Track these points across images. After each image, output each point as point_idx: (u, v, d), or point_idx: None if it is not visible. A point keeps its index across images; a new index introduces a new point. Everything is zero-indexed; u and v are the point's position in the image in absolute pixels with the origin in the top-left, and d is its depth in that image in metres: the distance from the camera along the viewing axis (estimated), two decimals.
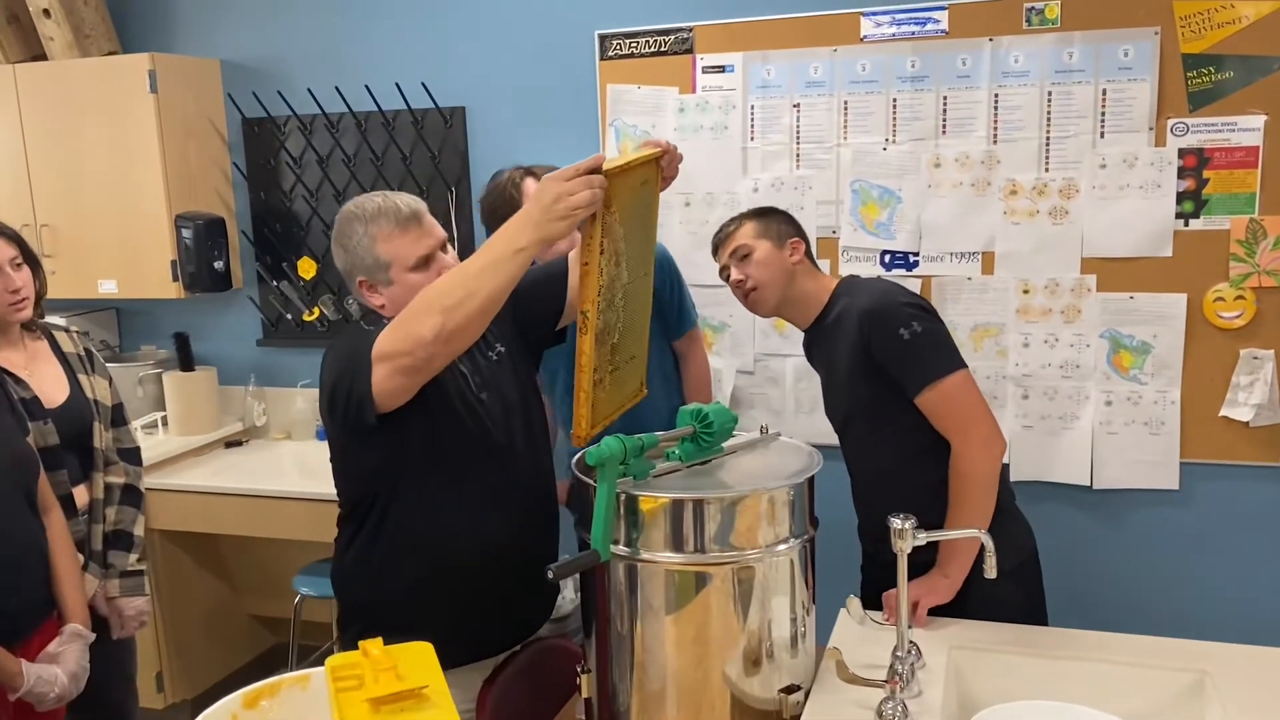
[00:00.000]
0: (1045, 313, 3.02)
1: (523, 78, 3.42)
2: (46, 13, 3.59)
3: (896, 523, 1.69)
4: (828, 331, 2.22)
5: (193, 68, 3.68)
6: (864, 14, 3.03)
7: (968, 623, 1.96)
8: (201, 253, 3.59)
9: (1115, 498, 3.06)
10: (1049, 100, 2.93)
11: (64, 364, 2.46)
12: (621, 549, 1.67)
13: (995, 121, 2.98)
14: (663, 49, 3.22)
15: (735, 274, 2.24)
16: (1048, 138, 2.95)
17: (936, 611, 2.02)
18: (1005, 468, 2.12)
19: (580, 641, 1.84)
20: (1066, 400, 3.04)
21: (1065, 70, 2.91)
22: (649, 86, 3.25)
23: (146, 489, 3.42)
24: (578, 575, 1.80)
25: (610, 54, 3.27)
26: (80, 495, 2.42)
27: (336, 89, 3.54)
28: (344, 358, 1.85)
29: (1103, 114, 2.90)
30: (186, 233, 3.57)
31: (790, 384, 3.31)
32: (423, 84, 3.45)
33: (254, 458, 3.72)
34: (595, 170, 1.60)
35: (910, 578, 2.00)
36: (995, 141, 2.99)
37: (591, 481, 1.65)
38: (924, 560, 2.06)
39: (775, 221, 2.25)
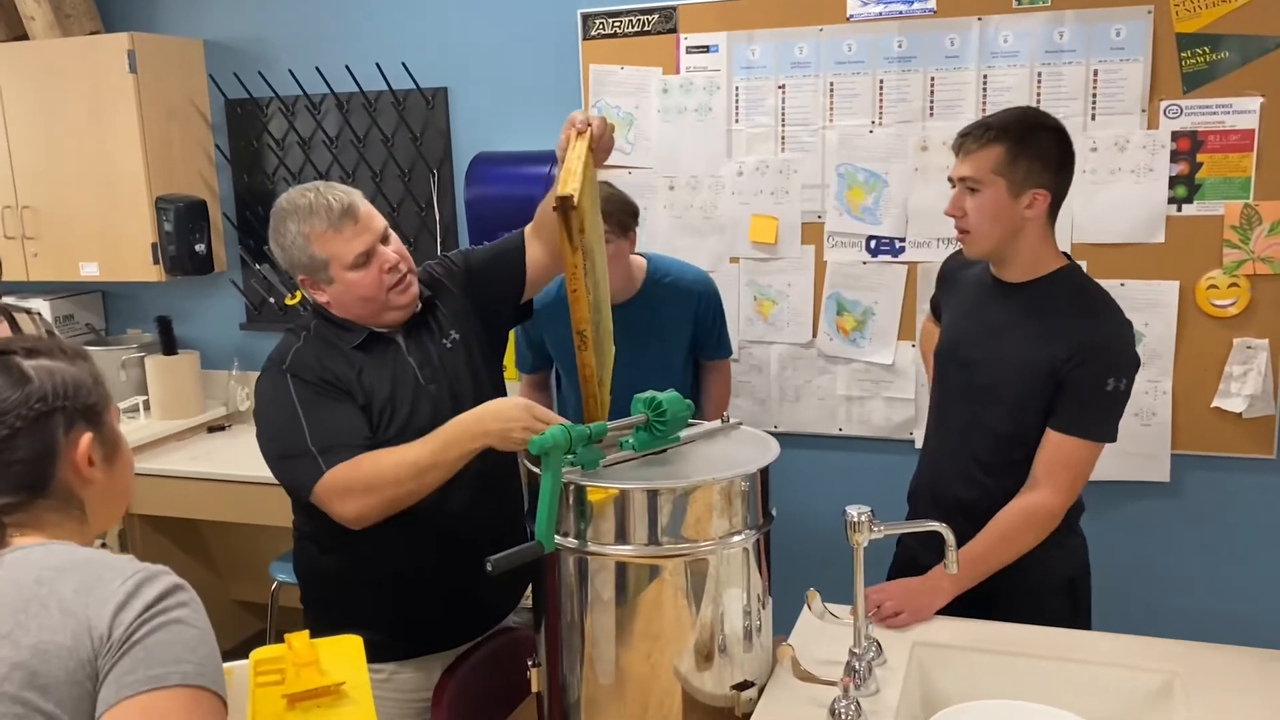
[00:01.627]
0: None
1: (505, 58, 3.36)
2: None
3: (853, 514, 1.64)
4: (1026, 304, 1.97)
5: (174, 48, 3.63)
6: None
7: (934, 619, 1.91)
8: (182, 235, 3.55)
9: (1104, 490, 2.98)
10: (1039, 81, 2.86)
11: None
12: (570, 541, 1.62)
13: (984, 103, 2.90)
14: (646, 29, 3.15)
15: (952, 205, 1.99)
16: None
17: (952, 610, 1.92)
18: None
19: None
20: None
21: (1056, 50, 2.83)
22: (632, 67, 3.19)
23: None
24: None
25: (593, 33, 3.21)
26: None
27: (317, 69, 3.48)
28: (280, 451, 1.87)
29: (1094, 95, 2.82)
30: (167, 215, 3.53)
31: (775, 372, 3.25)
32: (403, 64, 3.40)
33: (236, 442, 3.69)
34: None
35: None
36: None
37: (538, 470, 1.60)
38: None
39: (1030, 158, 1.89)
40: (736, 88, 3.11)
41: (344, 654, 1.38)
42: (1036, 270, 1.98)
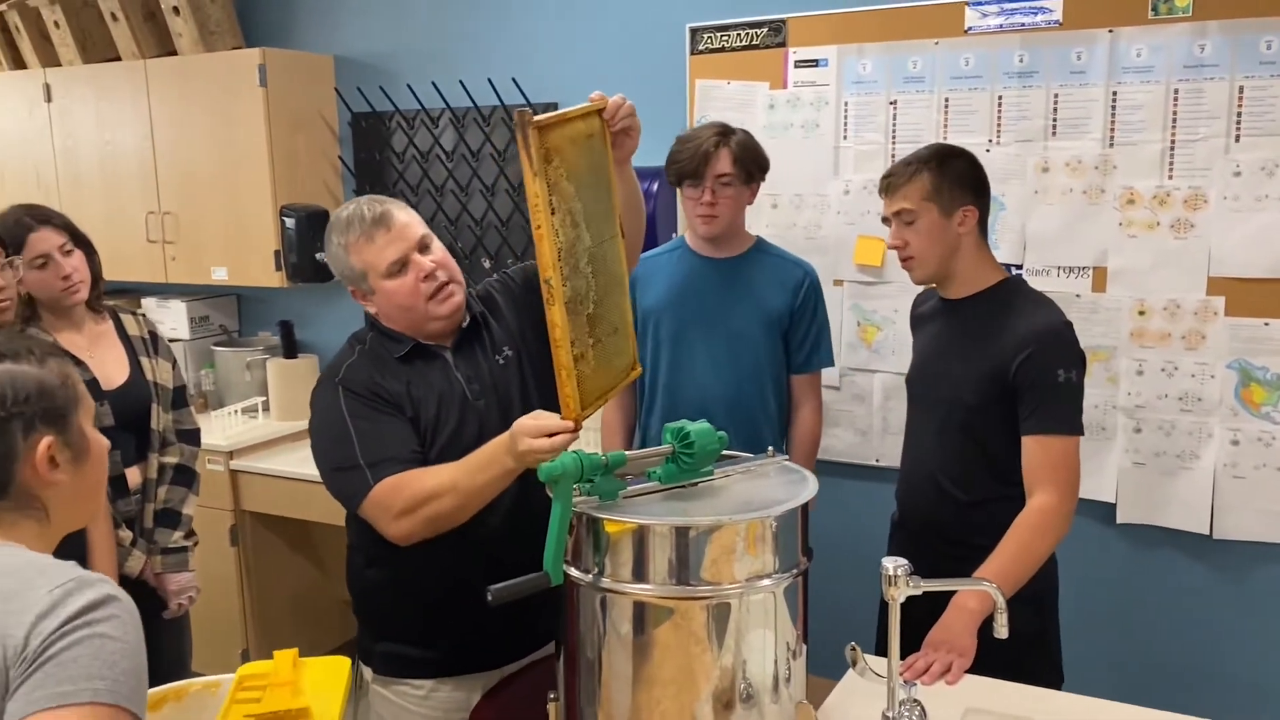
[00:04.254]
0: (1163, 337, 2.69)
1: (614, 73, 3.32)
2: (176, 10, 3.76)
3: (889, 567, 1.51)
4: (971, 316, 2.08)
5: (305, 63, 3.77)
6: (969, 4, 2.79)
7: (993, 682, 1.74)
8: (304, 243, 3.67)
9: (1239, 550, 2.70)
10: (1175, 99, 2.61)
11: (128, 347, 2.53)
12: (585, 575, 1.55)
13: (1112, 122, 2.68)
14: (754, 42, 3.06)
15: (893, 238, 2.11)
16: (1172, 141, 2.63)
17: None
18: None
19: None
20: (1185, 437, 2.70)
21: (1196, 65, 2.58)
22: (738, 82, 3.10)
23: (240, 472, 3.58)
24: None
25: (701, 48, 3.13)
26: (134, 475, 2.49)
27: (434, 85, 3.54)
28: (332, 463, 1.87)
29: (1239, 115, 2.56)
30: (289, 223, 3.65)
31: (879, 402, 3.09)
32: (514, 80, 3.41)
33: None
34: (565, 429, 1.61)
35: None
36: (1111, 145, 2.69)
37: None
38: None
39: (952, 180, 2.05)
40: (845, 103, 2.98)
41: (328, 676, 1.35)
42: (979, 284, 2.09)
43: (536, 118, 1.53)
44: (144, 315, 2.63)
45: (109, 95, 3.93)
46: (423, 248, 1.87)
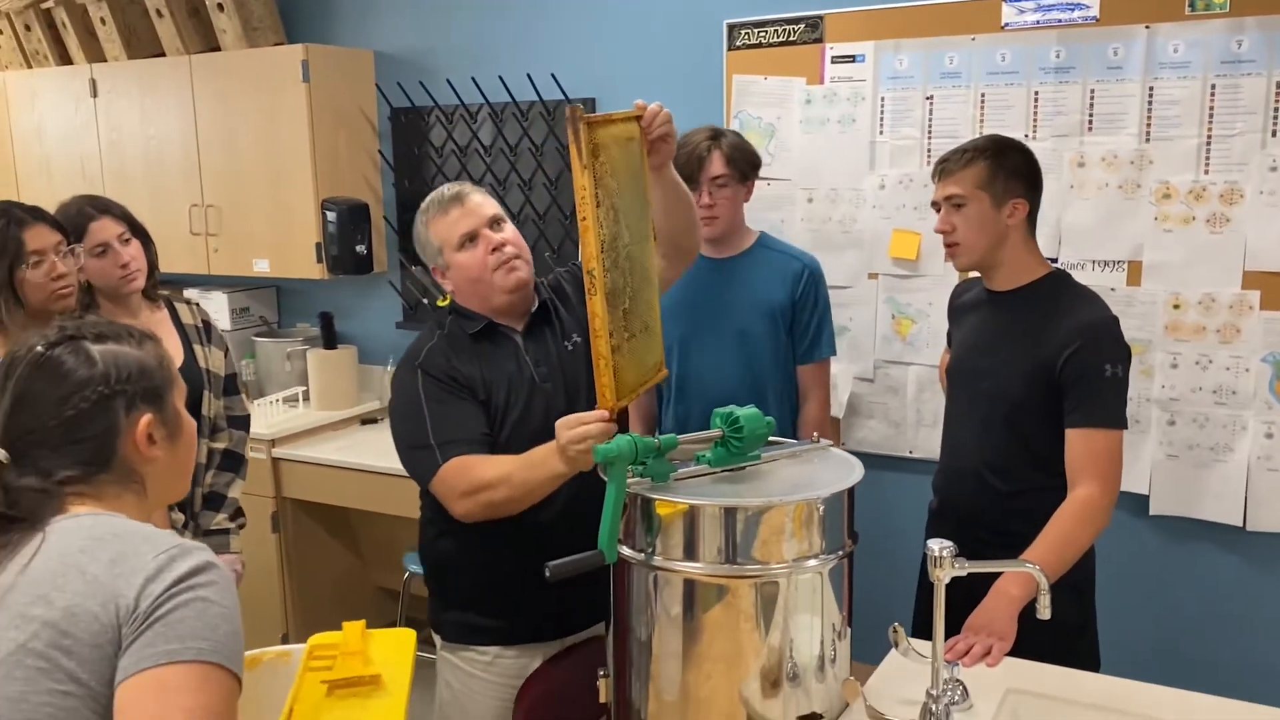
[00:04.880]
0: (1198, 331, 2.72)
1: (652, 69, 3.37)
2: (220, 6, 3.83)
3: (934, 548, 1.55)
4: (1016, 308, 2.10)
5: (346, 58, 3.84)
6: (1006, 0, 2.81)
7: (1034, 664, 1.78)
8: (344, 236, 3.74)
9: (1273, 543, 2.72)
10: (1212, 94, 2.63)
11: (181, 335, 2.59)
12: (636, 553, 1.60)
13: (1149, 118, 2.70)
14: (791, 38, 3.09)
15: (941, 222, 2.12)
16: (1209, 136, 2.65)
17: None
18: None
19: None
20: (1219, 429, 2.72)
21: (1233, 61, 2.60)
22: (776, 77, 3.14)
23: (282, 460, 3.66)
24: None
25: (738, 44, 3.17)
26: None
27: (473, 80, 3.60)
28: (407, 441, 1.97)
29: (1275, 110, 2.57)
30: (331, 217, 3.72)
31: (912, 395, 3.12)
32: (552, 75, 3.46)
33: (385, 435, 3.75)
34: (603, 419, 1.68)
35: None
36: (1148, 140, 2.71)
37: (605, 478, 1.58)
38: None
39: (1007, 172, 2.07)
40: (882, 98, 3.02)
41: (394, 646, 1.41)
42: (1024, 277, 2.11)
43: (580, 109, 1.60)
44: (198, 305, 2.70)
45: (154, 90, 4.01)
46: (494, 225, 1.97)
